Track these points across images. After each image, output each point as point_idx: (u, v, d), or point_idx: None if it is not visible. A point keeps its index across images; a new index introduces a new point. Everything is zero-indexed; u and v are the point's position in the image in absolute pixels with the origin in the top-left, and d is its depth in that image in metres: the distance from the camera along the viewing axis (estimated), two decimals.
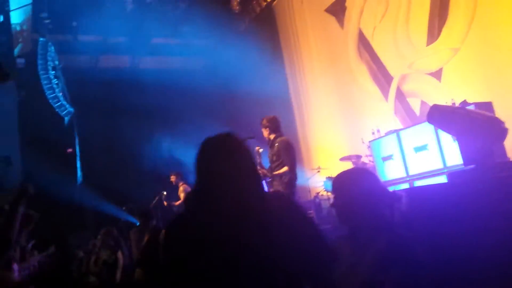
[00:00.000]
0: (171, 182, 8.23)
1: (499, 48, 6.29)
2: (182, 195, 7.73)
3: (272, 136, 4.88)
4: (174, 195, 8.29)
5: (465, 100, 5.39)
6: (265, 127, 4.92)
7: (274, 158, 4.77)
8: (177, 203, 7.96)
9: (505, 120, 3.36)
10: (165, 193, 8.24)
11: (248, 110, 9.79)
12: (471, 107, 5.19)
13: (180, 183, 8.11)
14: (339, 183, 1.90)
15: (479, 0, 6.47)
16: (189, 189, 7.77)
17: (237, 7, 11.10)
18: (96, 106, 9.87)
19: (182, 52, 11.91)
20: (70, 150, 10.50)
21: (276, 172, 4.73)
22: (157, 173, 9.42)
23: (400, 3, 7.86)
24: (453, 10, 6.90)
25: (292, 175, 4.77)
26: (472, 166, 3.19)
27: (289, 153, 4.80)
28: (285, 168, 4.72)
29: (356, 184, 1.85)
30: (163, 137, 10.11)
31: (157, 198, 8.31)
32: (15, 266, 3.40)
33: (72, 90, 9.69)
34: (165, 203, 8.23)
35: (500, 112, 4.96)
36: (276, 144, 4.81)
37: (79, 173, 9.59)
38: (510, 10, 6.12)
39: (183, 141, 9.72)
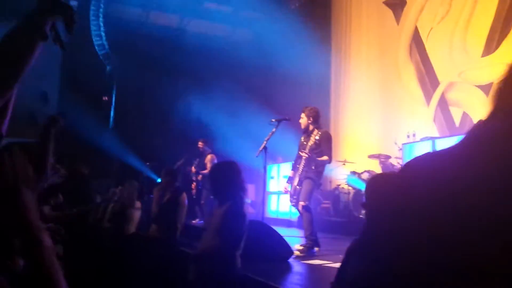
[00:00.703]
0: (198, 148, 8.29)
1: None
2: (208, 165, 7.75)
3: (311, 127, 4.95)
4: (200, 162, 8.33)
5: None
6: (308, 116, 4.98)
7: (314, 146, 4.83)
8: (204, 171, 7.96)
9: None
10: (196, 159, 8.26)
11: (285, 89, 9.73)
12: None
13: (208, 152, 8.16)
14: (374, 187, 1.88)
15: None
16: (215, 158, 7.79)
17: None
18: (139, 60, 9.98)
19: (231, 21, 11.85)
20: (106, 98, 10.73)
21: (319, 159, 4.79)
22: (185, 136, 9.54)
23: (464, 7, 7.53)
24: None
25: (325, 167, 4.92)
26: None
27: (330, 145, 4.92)
28: (325, 158, 4.79)
29: (390, 188, 1.83)
30: (197, 101, 10.18)
31: (182, 160, 8.41)
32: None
33: (118, 40, 9.82)
34: (193, 169, 8.30)
35: None
36: (317, 134, 4.87)
37: (111, 121, 9.81)
38: None
39: (216, 109, 9.80)
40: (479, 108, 6.86)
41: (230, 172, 3.07)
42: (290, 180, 5.03)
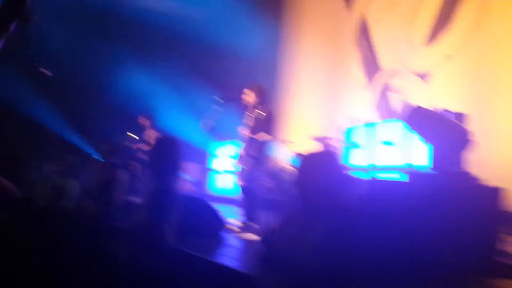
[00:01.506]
0: (140, 123, 8.08)
1: (489, 66, 6.36)
2: (150, 140, 7.58)
3: (255, 105, 4.92)
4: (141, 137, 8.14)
5: (447, 109, 5.47)
6: (253, 94, 4.94)
7: (257, 125, 4.83)
8: (145, 147, 7.79)
9: (475, 133, 3.48)
10: (136, 135, 8.06)
11: (231, 66, 9.64)
12: (451, 116, 5.28)
13: (149, 127, 7.98)
14: (307, 162, 1.96)
15: (487, 15, 6.48)
16: (157, 134, 7.64)
17: None
18: (76, 30, 9.44)
19: None
20: (43, 69, 10.11)
21: (262, 138, 4.79)
22: (126, 110, 9.22)
23: None
24: (459, 18, 6.89)
25: (270, 145, 4.93)
26: (434, 171, 3.29)
27: (274, 125, 4.95)
28: (268, 137, 4.81)
29: (322, 166, 1.92)
30: (139, 74, 9.84)
31: (123, 136, 8.16)
32: None
33: (54, 7, 9.21)
34: (133, 144, 8.09)
35: (473, 125, 5.06)
36: (260, 112, 4.86)
37: (46, 94, 9.28)
38: (509, 33, 6.18)
39: (159, 83, 9.55)
40: (418, 96, 7.17)
41: (168, 148, 3.04)
42: (234, 158, 5.04)
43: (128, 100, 9.58)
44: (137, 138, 8.11)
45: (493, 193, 3.05)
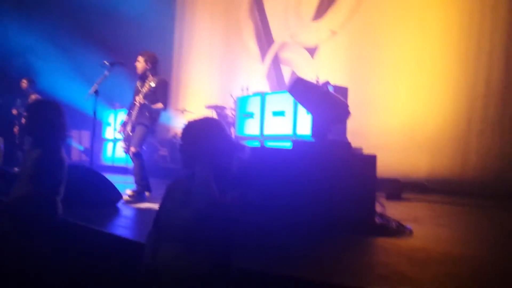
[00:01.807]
0: (21, 87, 7.42)
1: (368, 42, 7.01)
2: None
3: (147, 72, 4.80)
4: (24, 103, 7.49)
5: (327, 81, 5.88)
6: (145, 61, 4.80)
7: (148, 93, 4.72)
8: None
9: (352, 105, 3.85)
10: (18, 100, 7.37)
11: (125, 32, 9.23)
12: (331, 88, 5.72)
13: (31, 92, 7.37)
14: (188, 129, 1.99)
15: None
16: (39, 98, 7.10)
17: None
18: None
19: None
20: None
21: (154, 106, 4.69)
22: (5, 73, 8.40)
23: None
24: None
25: (160, 115, 4.85)
26: (313, 139, 3.59)
27: (166, 93, 4.85)
28: (160, 105, 4.73)
29: (202, 132, 1.95)
30: (21, 34, 8.96)
31: (1, 101, 7.45)
32: None
33: None
34: (14, 110, 7.41)
35: (351, 97, 5.59)
36: (152, 80, 4.76)
37: None
38: (385, 13, 6.83)
39: (44, 45, 8.81)
40: (305, 69, 7.63)
41: (49, 112, 2.78)
42: (124, 125, 4.90)
43: (9, 61, 8.72)
44: (20, 102, 7.46)
45: (368, 160, 3.33)
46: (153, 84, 4.75)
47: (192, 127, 1.98)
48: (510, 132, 5.61)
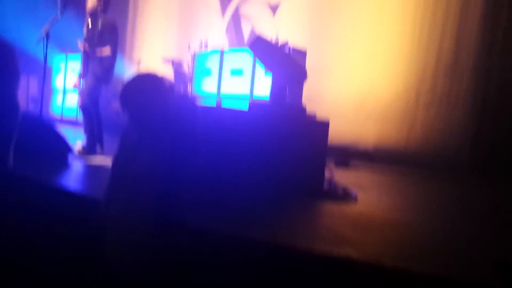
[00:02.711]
0: None
1: (328, 5, 6.97)
2: None
3: (98, 12, 4.45)
4: None
5: (287, 42, 5.87)
6: (97, 1, 4.45)
7: (97, 37, 4.41)
8: None
9: (310, 68, 3.88)
10: None
11: None
12: (289, 49, 5.71)
13: None
14: (128, 88, 1.97)
15: None
16: None
17: None
18: None
19: None
20: None
21: (101, 54, 4.40)
22: None
23: None
24: None
25: (113, 61, 4.54)
26: (271, 102, 3.62)
27: (115, 37, 4.51)
28: (108, 51, 4.42)
29: (141, 91, 1.95)
30: None
31: None
32: None
33: None
34: None
35: (309, 60, 5.62)
36: (100, 22, 4.44)
37: None
38: None
39: None
40: (265, 27, 7.52)
41: (1, 55, 2.58)
42: (80, 76, 4.64)
43: None
44: None
45: (321, 126, 3.41)
46: (100, 27, 4.46)
47: (131, 87, 1.96)
48: (456, 105, 5.88)
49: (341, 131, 5.69)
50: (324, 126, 3.46)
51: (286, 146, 3.22)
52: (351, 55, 6.66)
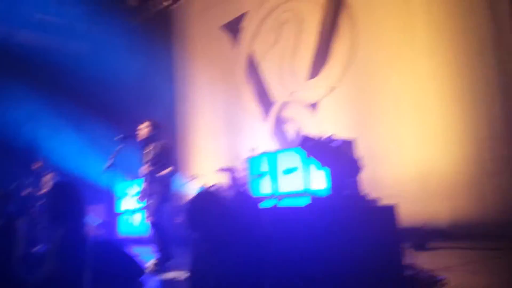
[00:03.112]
0: (36, 168, 7.63)
1: (367, 93, 7.25)
2: (47, 184, 7.20)
3: (151, 139, 4.89)
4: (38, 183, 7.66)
5: (331, 136, 6.02)
6: (148, 128, 4.91)
7: (154, 160, 4.78)
8: (42, 192, 7.37)
9: (364, 156, 3.93)
10: (30, 179, 7.59)
11: (131, 105, 9.56)
12: (337, 142, 5.83)
13: (46, 172, 7.57)
14: (193, 202, 2.16)
15: (357, 50, 7.39)
16: (55, 178, 7.29)
17: (133, 2, 10.87)
18: None
19: (66, 32, 11.13)
20: None
21: (161, 173, 4.76)
22: (20, 155, 8.64)
23: (290, 37, 8.55)
24: (334, 54, 7.78)
25: (172, 180, 4.88)
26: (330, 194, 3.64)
27: (171, 156, 4.93)
28: (168, 170, 4.77)
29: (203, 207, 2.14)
30: (31, 119, 9.31)
31: (16, 182, 7.62)
32: None
33: None
34: (28, 191, 7.57)
35: (361, 148, 5.69)
36: (155, 147, 4.85)
37: None
38: (382, 62, 7.10)
39: (57, 126, 9.12)
40: (309, 124, 7.82)
41: (66, 192, 2.97)
42: (140, 195, 4.95)
43: (23, 144, 8.99)
44: (32, 182, 7.64)
45: (387, 210, 3.31)
46: (156, 150, 4.84)
47: (195, 204, 2.16)
48: None
49: (410, 213, 5.49)
50: (390, 210, 3.38)
51: (354, 238, 3.13)
52: (404, 134, 6.68)
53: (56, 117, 9.20)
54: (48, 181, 7.39)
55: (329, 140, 5.89)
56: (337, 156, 3.81)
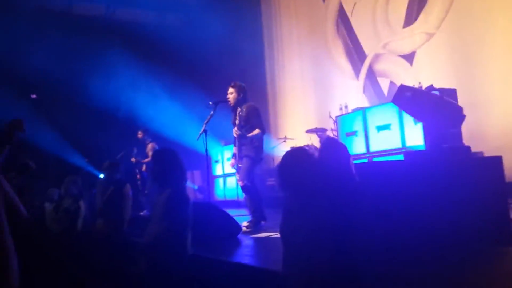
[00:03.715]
0: (138, 138, 8.19)
1: (469, 39, 6.52)
2: (150, 153, 7.72)
3: (239, 102, 4.89)
4: (141, 151, 8.25)
5: (431, 85, 5.59)
6: (237, 92, 4.91)
7: (242, 122, 4.80)
8: (145, 160, 7.95)
9: (464, 106, 3.58)
10: (135, 149, 8.21)
11: (221, 71, 9.74)
12: (437, 92, 5.41)
13: (148, 141, 8.09)
14: (285, 161, 2.12)
15: None
16: (156, 147, 7.75)
17: None
18: (64, 52, 9.52)
19: (160, 7, 11.58)
20: (34, 96, 10.21)
21: (250, 134, 4.77)
22: (124, 127, 9.33)
23: None
24: None
25: (262, 141, 4.87)
26: (428, 148, 3.40)
27: (259, 117, 4.87)
28: (257, 131, 4.76)
29: (296, 164, 2.09)
30: (132, 92, 9.95)
31: (122, 152, 8.27)
32: None
33: (42, 32, 9.30)
34: (133, 159, 8.21)
35: (462, 99, 5.20)
36: (243, 109, 4.85)
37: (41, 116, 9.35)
38: (485, 4, 6.33)
39: (154, 96, 9.67)
40: (404, 77, 7.32)
41: (168, 158, 3.11)
42: (234, 157, 5.04)
43: (126, 116, 9.70)
44: (136, 151, 8.23)
45: (493, 163, 3.06)
46: (244, 113, 4.84)
47: (285, 163, 2.12)
48: None
49: None
50: (496, 162, 3.07)
51: (456, 192, 2.91)
52: (510, 81, 5.99)
53: (153, 86, 9.73)
54: (150, 149, 7.90)
55: (428, 90, 5.48)
56: (436, 107, 3.50)
